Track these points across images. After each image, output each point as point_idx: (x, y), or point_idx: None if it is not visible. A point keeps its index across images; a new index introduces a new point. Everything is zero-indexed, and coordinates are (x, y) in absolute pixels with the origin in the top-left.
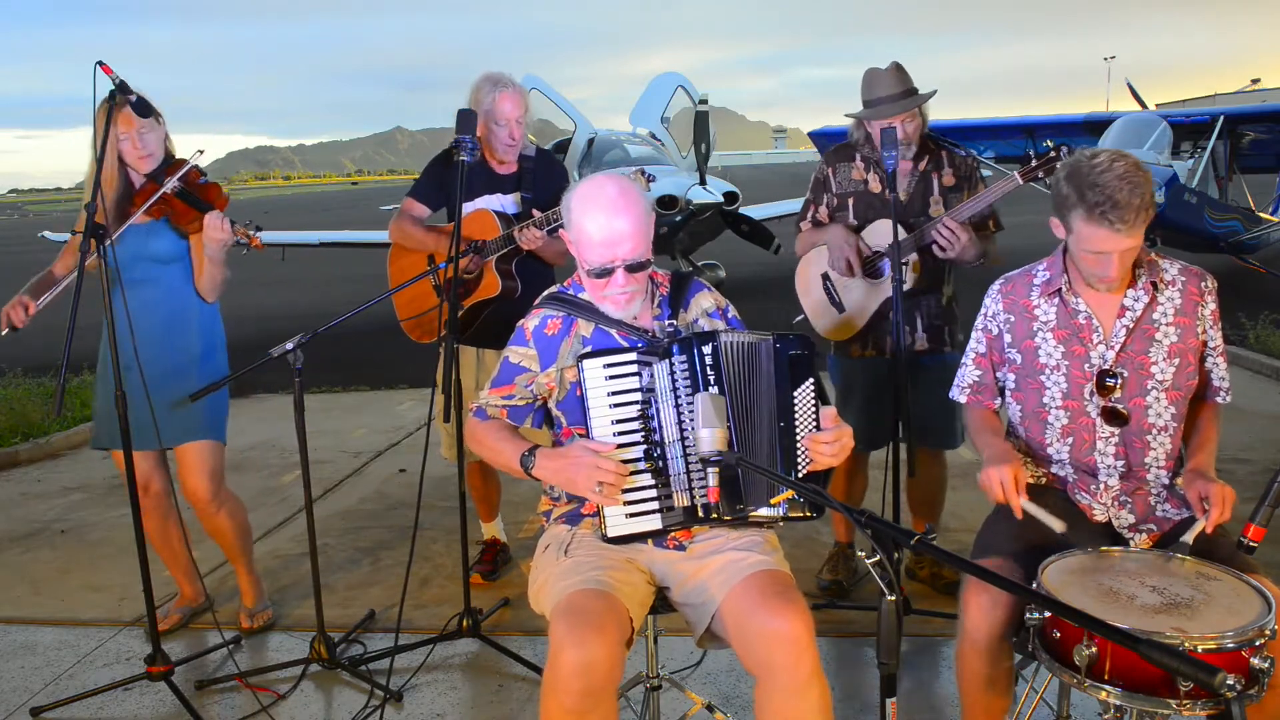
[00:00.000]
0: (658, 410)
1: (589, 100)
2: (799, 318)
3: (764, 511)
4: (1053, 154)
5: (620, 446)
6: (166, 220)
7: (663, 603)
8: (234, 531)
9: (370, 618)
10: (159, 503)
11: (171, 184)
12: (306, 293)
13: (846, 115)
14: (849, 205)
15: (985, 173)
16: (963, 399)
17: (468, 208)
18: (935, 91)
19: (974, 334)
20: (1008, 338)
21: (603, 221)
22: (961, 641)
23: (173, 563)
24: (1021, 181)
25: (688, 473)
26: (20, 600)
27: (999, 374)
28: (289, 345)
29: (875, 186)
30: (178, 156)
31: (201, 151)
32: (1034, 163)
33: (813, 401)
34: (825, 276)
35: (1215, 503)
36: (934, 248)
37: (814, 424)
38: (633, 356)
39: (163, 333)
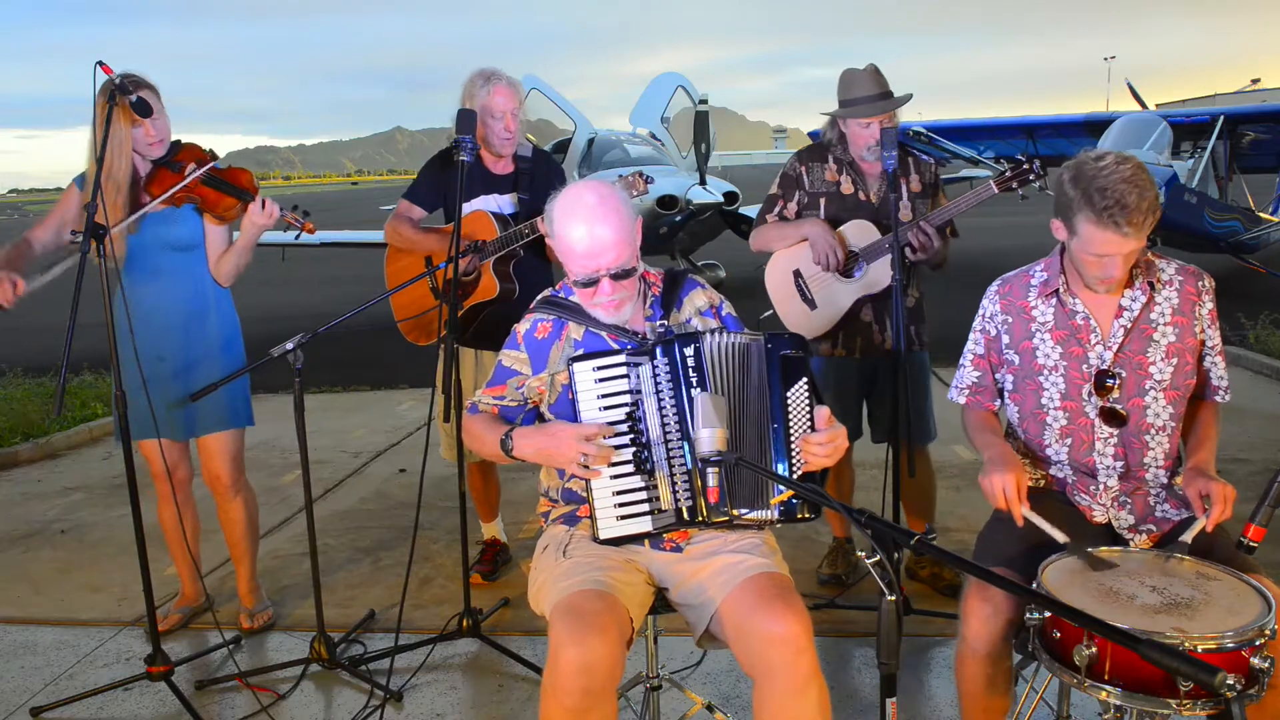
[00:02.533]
0: (644, 412)
1: (589, 100)
2: (767, 313)
3: (757, 514)
4: (1025, 165)
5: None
6: (192, 207)
7: (662, 603)
8: (245, 522)
9: (370, 618)
10: (181, 491)
11: (198, 172)
12: (306, 293)
13: (822, 114)
14: (820, 205)
15: (966, 173)
16: (962, 400)
17: (465, 209)
18: (910, 96)
19: (972, 335)
20: (1005, 339)
21: (584, 232)
22: (961, 648)
23: (181, 556)
24: (997, 191)
25: (672, 475)
26: (20, 600)
27: (998, 375)
28: (289, 345)
29: (848, 188)
30: (185, 141)
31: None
32: (1008, 173)
33: (806, 402)
34: (797, 274)
35: (1216, 500)
36: (907, 249)
37: (808, 424)
38: (622, 359)
39: (185, 322)
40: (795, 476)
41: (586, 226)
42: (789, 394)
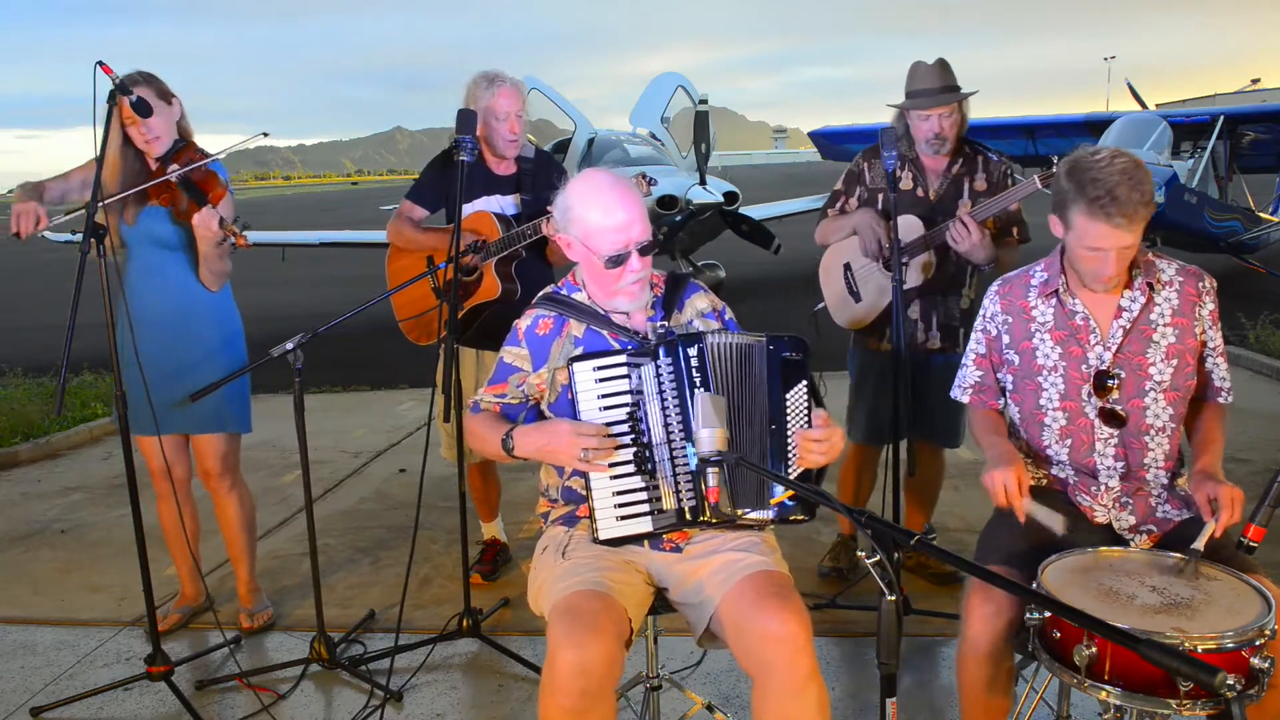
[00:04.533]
0: (646, 412)
1: (589, 100)
2: (820, 305)
3: (757, 514)
4: None
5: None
6: (171, 208)
7: (662, 603)
8: (240, 520)
9: (370, 618)
10: (180, 490)
11: (176, 172)
12: (306, 293)
13: (889, 105)
14: (878, 201)
15: (1019, 178)
16: (965, 399)
17: (466, 209)
18: (975, 90)
19: (973, 335)
20: (1006, 339)
21: (612, 206)
22: (963, 647)
23: (181, 555)
24: (1040, 185)
25: (675, 475)
26: (20, 600)
27: (999, 375)
28: (289, 345)
29: (907, 184)
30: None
31: (266, 134)
32: (1056, 168)
33: (805, 404)
34: (847, 267)
35: (1224, 505)
36: (949, 240)
37: (805, 426)
38: (623, 359)
39: (172, 320)
40: (791, 475)
41: (612, 199)
42: (788, 396)
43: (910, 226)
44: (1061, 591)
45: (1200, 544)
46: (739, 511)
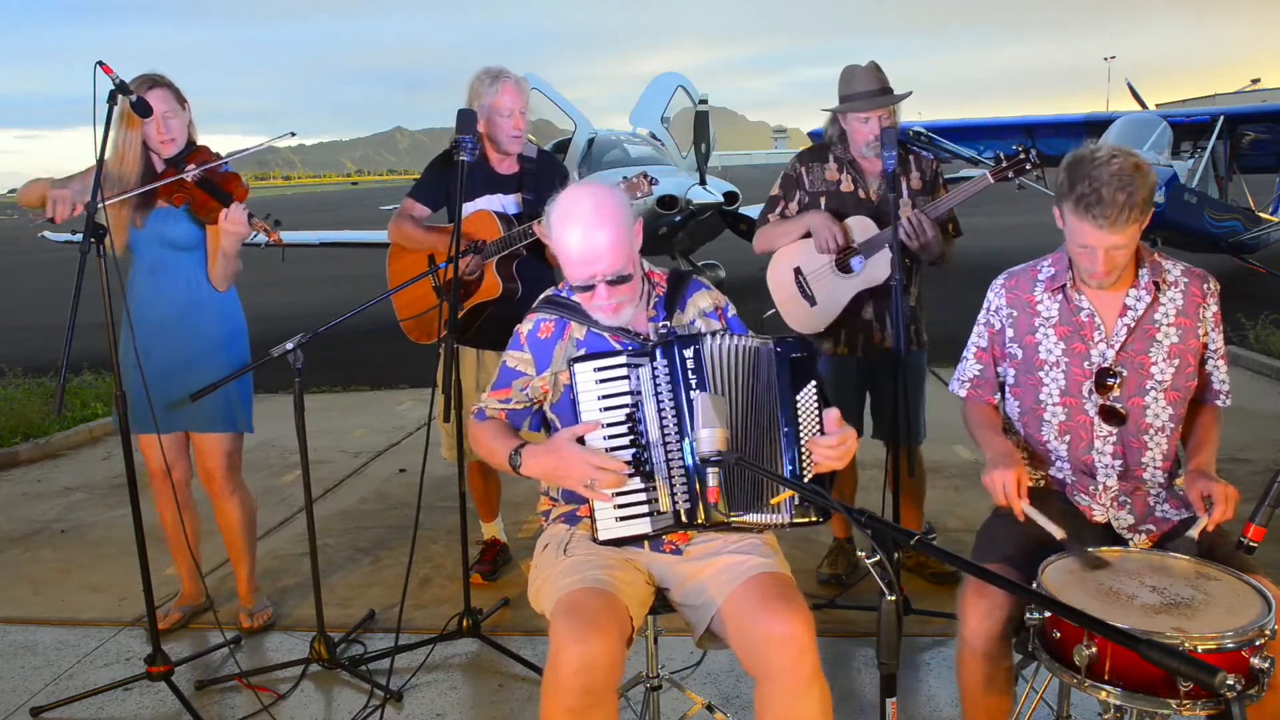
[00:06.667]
0: (644, 414)
1: (589, 100)
2: (770, 312)
3: (762, 517)
4: (1021, 155)
5: (610, 450)
6: (186, 208)
7: (663, 603)
8: (241, 523)
9: (370, 618)
10: (180, 490)
11: (193, 172)
12: (306, 293)
13: (823, 110)
14: (820, 204)
15: (965, 173)
16: (962, 393)
17: (467, 208)
18: (910, 93)
19: (976, 328)
20: (1010, 332)
21: (579, 236)
22: (961, 648)
23: (181, 555)
24: (992, 180)
25: (670, 477)
26: (20, 600)
27: (999, 369)
28: (289, 345)
29: (847, 186)
30: (199, 143)
31: (294, 134)
32: (1004, 163)
33: (815, 405)
34: (798, 271)
35: (1218, 501)
36: (903, 238)
37: (817, 427)
38: (622, 360)
39: (178, 319)
40: (806, 479)
41: (582, 231)
42: (798, 397)
43: (865, 227)
44: (1061, 591)
45: (1194, 533)
46: (733, 516)
